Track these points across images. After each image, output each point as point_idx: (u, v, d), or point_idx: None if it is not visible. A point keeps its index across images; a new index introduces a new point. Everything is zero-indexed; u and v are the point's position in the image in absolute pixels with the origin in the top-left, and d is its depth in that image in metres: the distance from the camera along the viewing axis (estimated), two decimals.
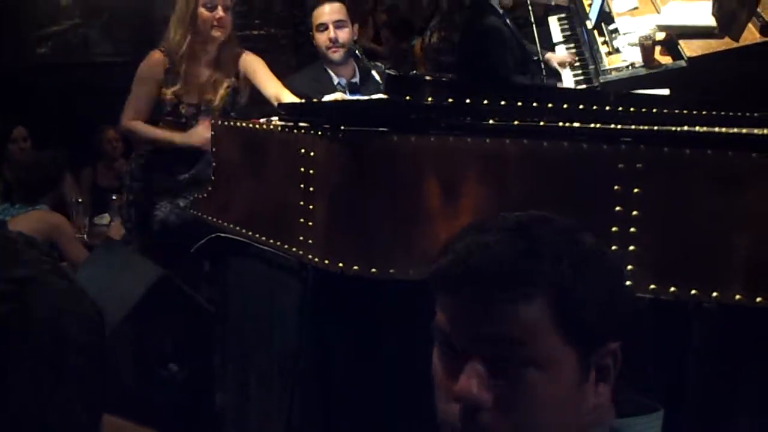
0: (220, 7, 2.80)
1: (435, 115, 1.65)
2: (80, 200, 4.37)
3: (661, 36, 3.61)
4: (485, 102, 1.66)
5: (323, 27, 2.91)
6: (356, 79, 2.97)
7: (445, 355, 0.86)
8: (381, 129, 1.63)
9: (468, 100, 1.65)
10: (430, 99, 1.66)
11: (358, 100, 1.91)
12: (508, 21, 4.22)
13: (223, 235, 2.20)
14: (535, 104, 1.71)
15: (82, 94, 6.03)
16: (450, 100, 1.66)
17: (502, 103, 1.67)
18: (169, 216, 2.89)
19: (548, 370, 0.81)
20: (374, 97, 2.04)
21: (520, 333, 0.81)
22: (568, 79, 4.07)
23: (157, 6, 5.82)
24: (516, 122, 1.63)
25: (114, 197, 4.38)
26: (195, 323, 2.42)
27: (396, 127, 1.63)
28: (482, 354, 0.82)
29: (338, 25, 2.92)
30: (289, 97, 2.39)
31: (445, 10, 5.89)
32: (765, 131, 1.55)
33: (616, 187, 1.58)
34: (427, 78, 2.20)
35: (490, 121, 1.62)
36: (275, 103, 2.35)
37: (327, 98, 2.08)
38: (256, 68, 2.85)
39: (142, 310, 2.33)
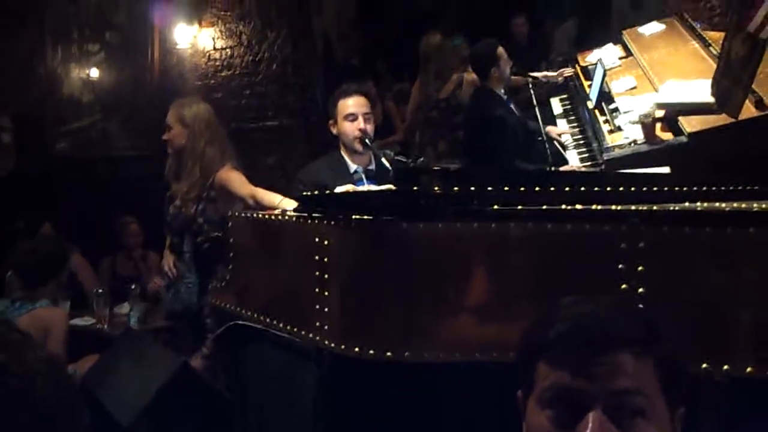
0: None
1: (442, 202, 1.72)
2: (101, 290, 4.43)
3: (660, 113, 3.72)
4: (489, 188, 1.73)
5: (353, 117, 3.03)
6: (372, 167, 3.08)
7: (560, 413, 0.96)
8: (391, 217, 1.71)
9: (473, 188, 1.73)
10: (437, 188, 1.74)
11: (368, 191, 2.00)
12: (512, 106, 4.36)
13: (240, 322, 2.25)
14: (537, 188, 1.79)
15: (102, 186, 6.23)
16: (456, 188, 1.74)
17: (506, 189, 1.75)
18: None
19: (653, 420, 0.93)
20: (384, 187, 2.13)
21: (637, 384, 0.94)
22: (574, 158, 4.17)
23: (174, 101, 6.08)
24: (520, 207, 1.70)
25: (133, 286, 4.45)
26: (214, 411, 2.43)
27: (405, 215, 1.71)
28: (603, 405, 0.93)
29: (367, 117, 3.06)
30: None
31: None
32: (760, 206, 1.61)
33: (620, 266, 1.63)
34: (434, 167, 2.30)
35: (495, 207, 1.69)
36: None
37: (339, 189, 2.18)
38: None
39: (162, 400, 2.36)
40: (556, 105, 4.83)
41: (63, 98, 6.61)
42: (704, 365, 1.55)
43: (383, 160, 3.01)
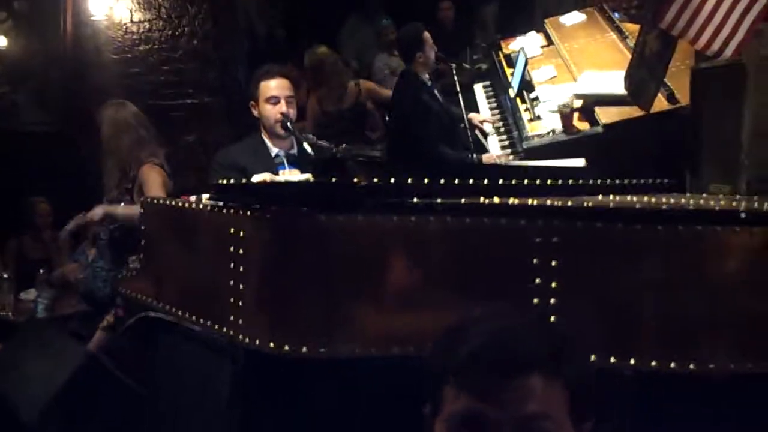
0: None
1: (361, 194, 1.70)
2: (5, 276, 4.22)
3: (578, 104, 3.81)
4: (409, 181, 1.72)
5: (275, 100, 2.96)
6: (294, 151, 3.02)
7: None
8: (308, 209, 1.67)
9: (393, 180, 1.71)
10: (356, 179, 1.71)
11: (286, 181, 1.95)
12: (435, 91, 4.36)
13: (152, 314, 2.17)
14: (456, 181, 1.79)
15: (9, 163, 5.90)
16: (375, 179, 1.71)
17: (425, 181, 1.74)
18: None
19: None
20: (302, 176, 2.09)
21: (545, 409, 0.94)
22: (494, 145, 4.22)
23: (89, 76, 5.81)
24: (439, 200, 1.69)
25: (42, 270, 4.26)
26: (124, 406, 2.35)
27: (324, 206, 1.68)
28: (513, 428, 0.92)
29: (289, 100, 3.00)
30: None
31: None
32: (666, 206, 1.66)
33: (534, 261, 1.65)
34: (355, 155, 2.28)
35: (415, 200, 1.68)
36: None
37: (255, 178, 2.12)
38: None
39: (69, 393, 2.26)
40: (480, 92, 4.88)
41: None
42: (612, 359, 1.59)
43: (305, 144, 2.96)
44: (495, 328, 0.99)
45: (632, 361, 1.59)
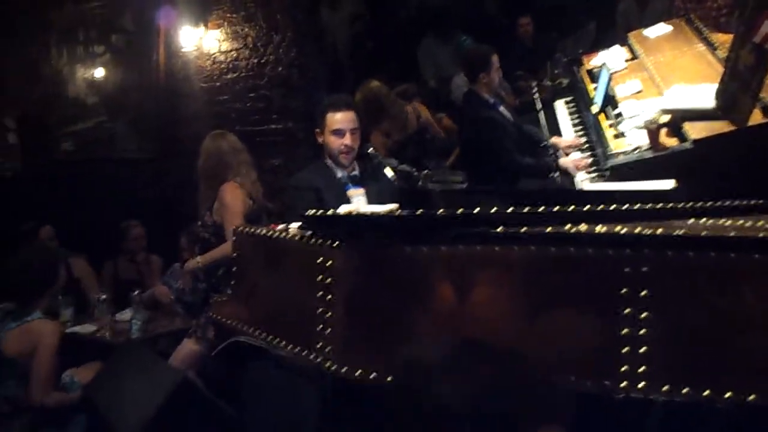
0: None
1: (445, 224, 1.71)
2: (104, 297, 4.43)
3: (665, 119, 3.69)
4: (493, 211, 1.72)
5: (340, 133, 3.07)
6: (356, 172, 3.14)
7: None
8: (395, 240, 1.70)
9: (476, 210, 1.72)
10: (440, 210, 1.73)
11: (372, 213, 1.99)
12: (501, 108, 4.36)
13: (243, 339, 2.24)
14: (541, 210, 1.78)
15: (106, 188, 6.24)
16: (459, 210, 1.73)
17: (510, 210, 1.74)
18: None
19: None
20: (387, 208, 2.13)
21: None
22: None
23: (181, 105, 6.10)
24: (523, 229, 1.69)
25: (135, 292, 4.45)
26: (216, 428, 2.44)
27: (409, 237, 1.70)
28: None
29: (354, 132, 3.09)
30: None
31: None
32: (762, 233, 1.60)
33: (623, 290, 1.61)
34: (437, 182, 2.30)
35: (499, 230, 1.68)
36: None
37: (342, 209, 2.17)
38: None
39: (164, 415, 2.36)
40: (561, 108, 4.80)
41: (68, 99, 6.63)
42: (706, 392, 1.53)
43: (387, 170, 3.01)
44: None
45: (728, 395, 1.53)
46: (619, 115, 4.02)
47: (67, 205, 5.89)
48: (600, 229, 1.71)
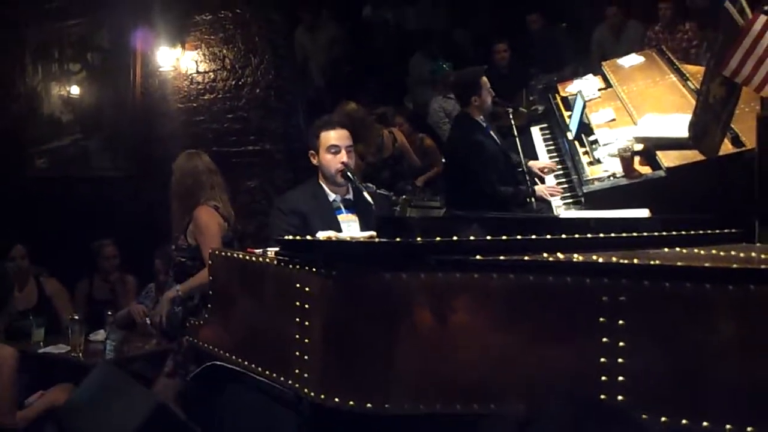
0: None
1: (424, 252, 1.72)
2: (76, 317, 4.36)
3: (639, 147, 3.76)
4: (472, 238, 1.74)
5: (335, 150, 3.03)
6: (350, 196, 3.08)
7: None
8: (373, 267, 1.70)
9: (455, 238, 1.74)
10: (419, 237, 1.74)
11: (351, 240, 2.00)
12: (491, 132, 4.38)
13: (219, 363, 2.22)
14: (519, 237, 1.80)
15: (80, 207, 6.16)
16: (438, 238, 1.74)
17: (488, 238, 1.76)
18: None
19: None
20: (366, 234, 2.13)
21: None
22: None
23: (157, 124, 6.07)
24: (502, 257, 1.70)
25: (109, 312, 4.38)
26: None
27: (387, 264, 1.71)
28: None
29: (349, 149, 3.07)
30: None
31: None
32: (736, 263, 1.63)
33: (601, 319, 1.64)
34: (415, 209, 2.31)
35: (478, 257, 1.70)
36: None
37: (320, 234, 2.17)
38: None
39: None
40: (537, 135, 4.87)
41: (43, 117, 6.57)
42: (684, 421, 1.55)
43: (365, 194, 3.01)
44: None
45: (705, 424, 1.55)
46: (594, 142, 4.08)
47: (40, 223, 5.80)
48: (578, 258, 1.74)
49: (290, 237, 1.92)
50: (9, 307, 3.49)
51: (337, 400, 1.72)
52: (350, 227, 2.89)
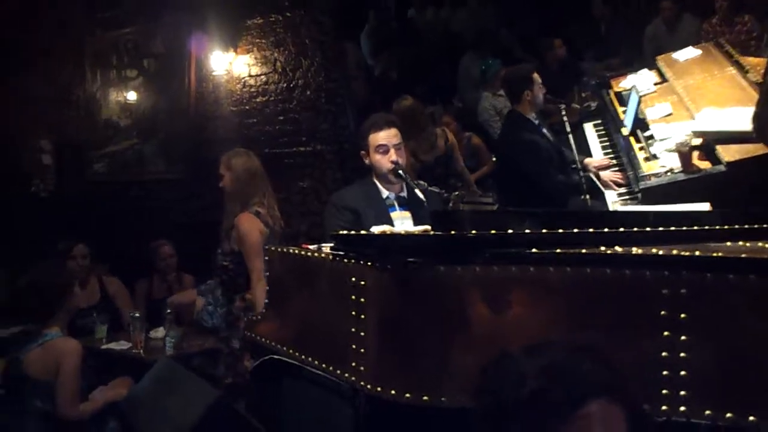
0: None
1: (479, 245, 1.72)
2: (137, 314, 4.48)
3: (697, 141, 3.67)
4: (527, 231, 1.73)
5: (384, 149, 3.06)
6: (404, 194, 3.10)
7: None
8: (428, 260, 1.71)
9: (510, 230, 1.73)
10: (474, 231, 1.74)
11: (406, 233, 2.01)
12: (544, 130, 4.33)
13: (277, 357, 2.26)
14: (575, 230, 1.77)
15: (137, 209, 6.35)
16: (493, 230, 1.73)
17: (544, 231, 1.74)
18: None
19: None
20: (421, 228, 2.14)
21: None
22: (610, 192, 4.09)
23: (210, 127, 6.20)
24: (558, 250, 1.69)
25: (169, 311, 4.49)
26: None
27: (442, 257, 1.71)
28: None
29: (398, 147, 3.09)
30: None
31: None
32: None
33: (662, 313, 1.60)
34: (471, 205, 2.29)
35: (533, 250, 1.68)
36: None
37: (375, 229, 2.19)
38: None
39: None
40: (590, 131, 4.79)
41: (101, 122, 6.78)
42: (751, 417, 1.51)
43: (416, 191, 3.02)
44: (550, 360, 1.02)
45: (750, 418, 1.50)
46: (650, 137, 4.00)
47: (100, 225, 5.99)
48: (637, 250, 1.71)
49: (345, 232, 1.93)
50: (68, 303, 3.53)
51: (393, 392, 1.74)
52: (403, 224, 2.90)
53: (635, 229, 1.92)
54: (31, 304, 3.34)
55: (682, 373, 1.58)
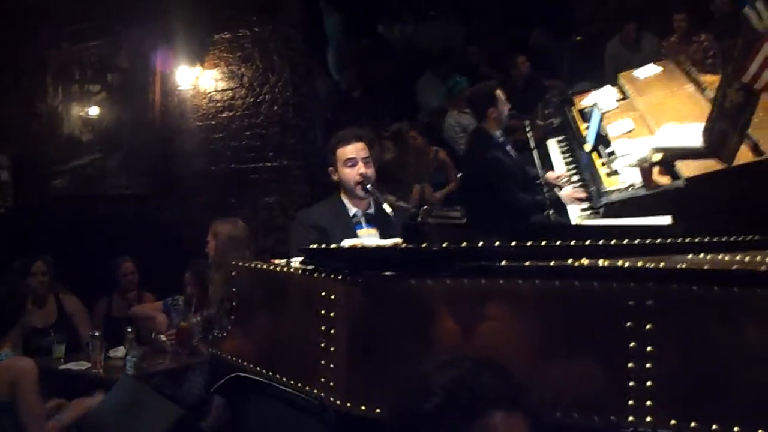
0: None
1: (450, 258, 1.72)
2: (96, 334, 4.39)
3: (658, 157, 3.74)
4: (497, 244, 1.74)
5: (352, 162, 3.05)
6: (371, 210, 3.10)
7: None
8: (398, 273, 1.71)
9: (480, 243, 1.74)
10: (444, 243, 1.74)
11: (376, 246, 2.00)
12: (508, 147, 4.38)
13: (242, 374, 2.23)
14: (542, 243, 1.79)
15: (99, 225, 6.22)
16: (463, 243, 1.74)
17: (512, 244, 1.76)
18: None
19: None
20: (391, 241, 2.14)
21: None
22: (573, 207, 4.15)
23: (176, 142, 6.13)
24: (527, 263, 1.70)
25: (129, 329, 4.40)
26: None
27: (413, 270, 1.71)
28: None
29: (366, 161, 3.08)
30: None
31: None
32: (765, 266, 1.62)
33: (628, 324, 1.62)
34: (439, 218, 2.30)
35: (503, 263, 1.69)
36: None
37: (345, 243, 2.18)
38: None
39: None
40: (554, 147, 4.87)
41: (63, 137, 6.65)
42: (714, 426, 1.53)
43: (385, 205, 3.02)
44: (454, 374, 1.11)
45: (736, 429, 1.53)
46: (612, 153, 4.07)
47: (59, 242, 5.85)
48: (603, 262, 1.73)
49: (314, 245, 1.92)
50: (22, 320, 3.42)
51: (363, 408, 1.72)
52: (369, 241, 2.89)
53: (601, 242, 1.94)
54: None
55: (648, 383, 1.60)
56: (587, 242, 1.88)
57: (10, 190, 6.65)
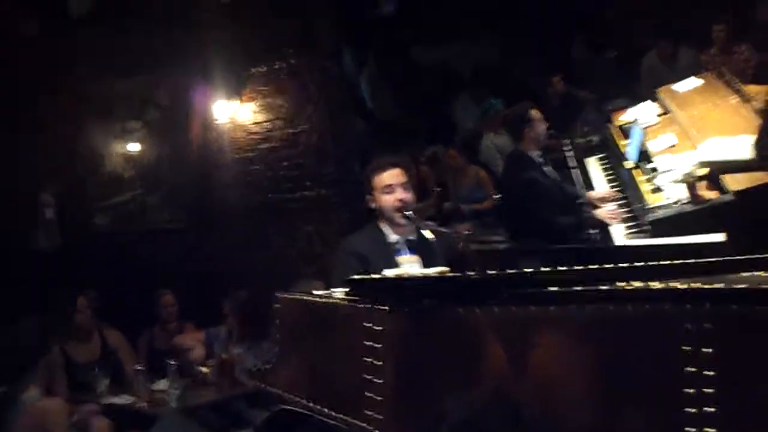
0: None
1: (497, 285, 1.68)
2: (140, 367, 4.43)
3: (703, 171, 3.66)
4: (545, 270, 1.69)
5: (390, 189, 3.02)
6: (413, 237, 3.05)
7: None
8: (445, 302, 1.67)
9: (527, 269, 1.69)
10: (491, 271, 1.70)
11: (422, 276, 1.97)
12: (545, 169, 4.32)
13: (289, 407, 2.20)
14: (592, 267, 1.74)
15: (140, 260, 6.30)
16: (512, 270, 1.69)
17: (560, 269, 1.70)
18: None
19: None
20: (437, 270, 2.10)
21: None
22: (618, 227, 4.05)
23: (214, 178, 6.21)
24: (578, 288, 1.65)
25: (172, 362, 4.42)
26: None
27: (460, 299, 1.67)
28: None
29: (405, 187, 3.05)
30: None
31: None
32: None
33: (685, 348, 1.55)
34: (483, 243, 2.26)
35: (553, 289, 1.64)
36: None
37: (388, 273, 2.15)
38: None
39: None
40: (594, 165, 4.79)
41: (105, 174, 6.79)
42: None
43: (425, 232, 2.99)
44: None
45: None
46: (654, 169, 3.99)
47: (103, 277, 5.95)
48: (656, 285, 1.67)
49: (359, 276, 1.90)
50: (44, 364, 3.40)
51: None
52: (411, 268, 2.85)
53: (651, 263, 1.87)
54: (6, 364, 3.23)
55: (709, 409, 1.52)
56: (637, 264, 1.82)
57: (56, 228, 6.80)
